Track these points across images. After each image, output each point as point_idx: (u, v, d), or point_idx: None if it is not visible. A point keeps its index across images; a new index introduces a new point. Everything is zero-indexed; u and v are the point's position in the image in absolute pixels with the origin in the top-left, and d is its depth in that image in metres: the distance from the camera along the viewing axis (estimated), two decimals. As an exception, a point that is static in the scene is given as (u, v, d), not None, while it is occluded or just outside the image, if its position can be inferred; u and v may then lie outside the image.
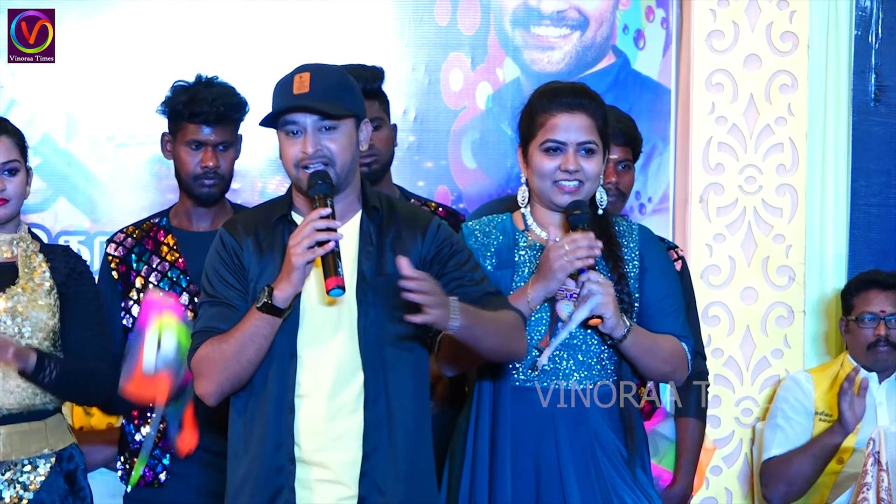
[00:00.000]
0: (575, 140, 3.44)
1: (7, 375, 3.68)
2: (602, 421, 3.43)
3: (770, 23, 5.19)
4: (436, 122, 5.15)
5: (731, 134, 5.21)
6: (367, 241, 3.29)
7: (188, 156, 4.09)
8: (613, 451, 3.43)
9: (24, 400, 3.71)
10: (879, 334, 4.87)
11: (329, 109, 3.22)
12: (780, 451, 4.84)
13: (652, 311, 3.50)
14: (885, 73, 5.44)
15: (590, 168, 3.45)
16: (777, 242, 5.22)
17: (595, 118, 3.47)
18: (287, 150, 3.27)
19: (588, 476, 3.39)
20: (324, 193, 3.19)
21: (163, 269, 4.11)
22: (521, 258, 3.50)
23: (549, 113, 3.47)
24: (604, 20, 5.25)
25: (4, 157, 3.75)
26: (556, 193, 3.47)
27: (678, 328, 3.53)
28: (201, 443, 4.06)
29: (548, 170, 3.46)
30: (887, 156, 5.47)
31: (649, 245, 3.57)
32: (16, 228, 3.81)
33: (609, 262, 3.47)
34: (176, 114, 4.10)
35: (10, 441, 3.70)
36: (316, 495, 3.22)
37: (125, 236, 4.18)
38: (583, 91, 3.51)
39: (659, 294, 3.52)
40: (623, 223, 3.57)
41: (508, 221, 3.57)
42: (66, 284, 3.79)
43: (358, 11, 5.09)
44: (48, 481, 3.72)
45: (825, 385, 4.92)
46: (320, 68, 3.29)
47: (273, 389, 3.22)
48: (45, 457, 3.74)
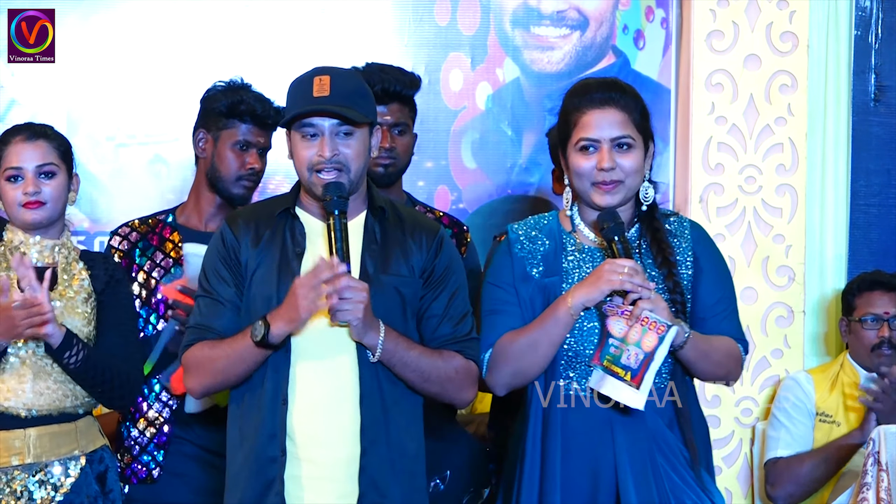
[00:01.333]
0: (608, 136, 3.36)
1: (38, 377, 3.70)
2: (661, 422, 3.37)
3: (770, 23, 5.19)
4: (436, 122, 5.15)
5: (731, 134, 5.21)
6: (371, 240, 3.31)
7: (234, 155, 4.12)
8: (674, 453, 3.36)
9: (55, 402, 3.72)
10: (883, 336, 4.85)
11: (350, 115, 3.24)
12: (788, 452, 4.83)
13: (707, 313, 3.43)
14: (885, 73, 5.44)
15: (627, 163, 3.36)
16: (777, 242, 5.21)
17: (629, 111, 3.38)
18: (301, 151, 3.27)
19: (646, 479, 3.31)
20: (341, 210, 3.21)
21: (166, 265, 4.12)
22: (570, 263, 3.43)
23: (581, 111, 3.39)
24: (604, 20, 5.25)
25: (40, 159, 3.75)
26: (596, 194, 3.38)
27: (733, 331, 3.46)
28: (200, 442, 4.06)
29: (585, 170, 3.37)
30: (887, 156, 5.46)
31: (703, 244, 3.49)
32: (59, 234, 3.82)
33: (663, 269, 3.39)
34: (230, 112, 4.12)
35: (41, 442, 3.71)
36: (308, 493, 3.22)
37: (130, 230, 4.18)
38: (613, 85, 3.43)
39: (715, 296, 3.45)
40: (673, 220, 3.49)
41: (555, 223, 3.49)
42: (105, 292, 3.82)
43: (358, 11, 5.10)
44: (78, 482, 3.74)
45: (825, 386, 4.91)
46: (339, 72, 3.31)
47: (269, 381, 3.24)
48: (75, 458, 3.75)
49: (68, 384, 3.73)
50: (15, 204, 3.75)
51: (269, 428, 3.22)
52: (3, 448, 3.70)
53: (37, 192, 3.74)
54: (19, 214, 3.75)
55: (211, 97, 4.17)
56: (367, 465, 3.21)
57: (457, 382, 3.32)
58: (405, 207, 3.47)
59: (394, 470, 3.24)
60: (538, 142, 5.14)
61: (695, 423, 3.42)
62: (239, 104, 4.11)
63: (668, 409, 3.39)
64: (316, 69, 3.32)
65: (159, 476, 4.06)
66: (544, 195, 5.15)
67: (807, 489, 4.78)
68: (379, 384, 3.24)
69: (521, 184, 5.21)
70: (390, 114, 4.07)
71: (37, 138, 3.77)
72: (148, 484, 4.06)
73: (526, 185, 5.21)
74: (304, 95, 3.26)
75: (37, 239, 3.78)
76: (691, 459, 3.37)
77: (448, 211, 5.00)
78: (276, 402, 3.23)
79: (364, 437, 3.22)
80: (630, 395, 3.29)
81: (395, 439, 3.25)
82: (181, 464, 4.05)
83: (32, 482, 3.72)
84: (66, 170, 3.80)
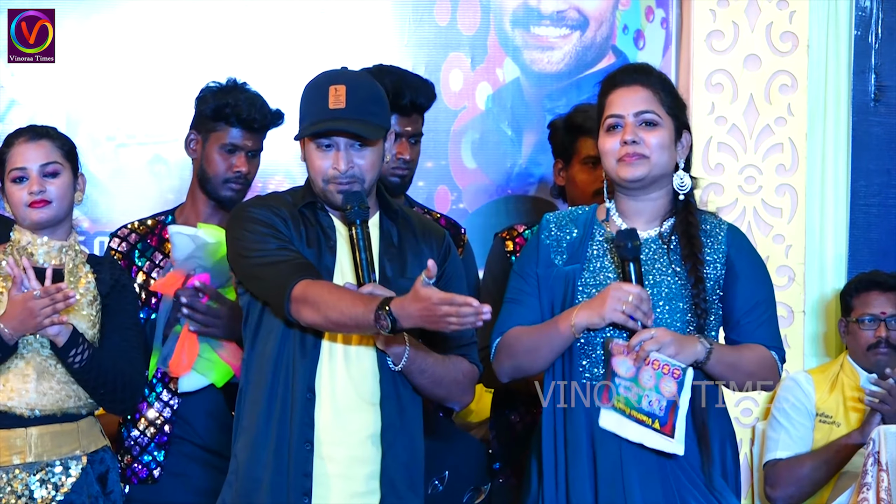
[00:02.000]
0: (632, 110, 3.34)
1: (42, 377, 3.71)
2: None
3: (770, 23, 5.19)
4: (436, 122, 5.14)
5: (731, 134, 5.21)
6: (389, 243, 3.31)
7: (221, 158, 4.10)
8: (685, 456, 3.29)
9: (58, 402, 3.73)
10: (880, 336, 4.86)
11: (366, 133, 3.21)
12: (787, 453, 4.82)
13: (743, 319, 3.39)
14: (885, 73, 5.44)
15: (651, 139, 3.33)
16: (777, 242, 5.21)
17: (655, 90, 3.37)
18: (316, 161, 3.25)
19: (651, 479, 3.29)
20: (363, 219, 3.20)
21: (165, 265, 4.12)
22: (593, 252, 3.40)
23: (609, 92, 3.39)
24: (603, 20, 5.26)
25: (44, 158, 3.76)
26: (620, 167, 3.34)
27: (769, 338, 3.41)
28: (201, 442, 4.06)
29: (609, 148, 3.36)
30: (887, 156, 5.47)
31: (740, 247, 3.43)
32: (66, 235, 3.83)
33: (688, 262, 3.34)
34: (216, 115, 4.09)
35: (43, 442, 3.71)
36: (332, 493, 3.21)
37: (129, 231, 4.18)
38: (642, 68, 3.45)
39: (751, 302, 3.40)
40: (711, 220, 3.45)
41: (591, 213, 3.47)
42: (110, 296, 3.82)
43: (358, 11, 5.10)
44: (79, 483, 3.74)
45: (825, 386, 4.91)
46: (354, 81, 3.26)
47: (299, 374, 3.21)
48: (76, 458, 3.75)
49: (71, 385, 3.73)
50: (21, 204, 3.75)
51: (299, 419, 3.19)
52: (4, 447, 3.70)
53: (42, 191, 3.74)
54: (26, 214, 3.76)
55: (202, 98, 4.15)
56: (387, 468, 3.22)
57: (463, 386, 3.34)
58: (410, 210, 3.46)
59: (408, 472, 3.26)
60: (538, 142, 5.14)
61: (711, 426, 3.36)
62: (225, 107, 4.07)
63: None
64: (331, 75, 3.28)
65: (160, 476, 4.05)
66: (544, 195, 5.15)
67: (806, 490, 4.77)
68: (396, 388, 3.25)
69: (521, 184, 5.21)
70: (411, 124, 4.05)
71: (39, 138, 3.78)
72: (148, 484, 4.06)
73: (526, 185, 5.21)
74: (319, 106, 3.22)
75: (44, 240, 3.78)
76: (702, 463, 3.32)
77: (448, 211, 5.01)
78: (303, 395, 3.20)
79: (384, 439, 3.23)
80: (665, 443, 3.25)
81: (409, 442, 3.27)
82: (182, 464, 4.05)
83: (33, 481, 3.72)
84: (71, 169, 3.81)
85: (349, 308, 3.08)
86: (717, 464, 3.36)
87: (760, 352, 3.39)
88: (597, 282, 3.37)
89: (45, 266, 3.70)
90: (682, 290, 3.34)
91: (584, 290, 3.36)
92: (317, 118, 3.22)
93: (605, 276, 3.37)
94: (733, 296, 3.39)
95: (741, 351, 3.37)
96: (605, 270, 3.38)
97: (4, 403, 3.70)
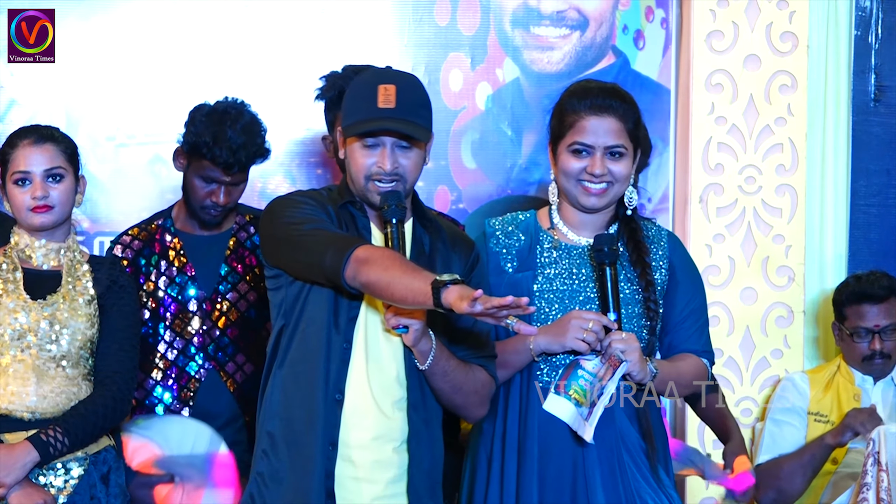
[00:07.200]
0: (603, 143, 3.41)
1: (42, 380, 3.71)
2: (627, 422, 3.41)
3: (770, 23, 5.19)
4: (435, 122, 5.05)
5: (731, 134, 5.21)
6: (420, 251, 3.30)
7: (200, 186, 4.09)
8: (638, 452, 3.41)
9: (59, 405, 3.72)
10: (875, 349, 4.86)
11: (415, 134, 3.21)
12: (768, 457, 4.84)
13: (680, 324, 3.50)
14: (884, 73, 5.44)
15: (618, 170, 3.42)
16: (777, 243, 5.21)
17: (625, 121, 3.43)
18: (360, 159, 3.23)
19: (613, 477, 3.37)
20: (399, 219, 3.19)
21: (171, 274, 4.12)
22: (544, 260, 3.48)
23: (578, 114, 3.43)
24: (603, 20, 5.25)
25: (48, 163, 3.75)
26: (581, 194, 3.44)
27: (701, 344, 3.53)
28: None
29: (574, 170, 3.43)
30: (887, 156, 5.47)
31: (680, 255, 3.55)
32: (65, 237, 3.82)
33: (637, 267, 3.44)
34: (197, 147, 4.06)
35: None
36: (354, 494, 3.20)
37: (131, 238, 4.19)
38: (613, 92, 3.47)
39: (688, 308, 3.51)
40: (652, 227, 3.55)
41: (532, 220, 3.55)
42: (106, 296, 3.81)
43: (358, 11, 5.09)
44: (82, 484, 3.74)
45: (821, 386, 4.92)
46: (404, 81, 3.26)
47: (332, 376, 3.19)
48: (78, 460, 3.75)
49: (72, 388, 3.73)
50: (23, 208, 3.75)
51: (323, 420, 3.18)
52: (6, 449, 3.70)
53: (45, 196, 3.73)
54: (27, 218, 3.75)
55: (191, 118, 4.13)
56: (412, 475, 3.23)
57: (481, 396, 3.33)
58: (442, 219, 3.46)
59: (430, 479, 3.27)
60: (538, 142, 5.14)
61: (654, 423, 3.47)
62: (202, 147, 4.05)
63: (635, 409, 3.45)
64: (380, 74, 3.29)
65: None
66: (544, 195, 5.14)
67: (788, 493, 4.76)
68: (423, 396, 3.26)
69: (521, 184, 5.20)
70: None
71: (44, 142, 3.77)
72: None
73: (526, 185, 5.20)
74: (368, 104, 3.20)
75: (42, 242, 3.78)
76: (647, 450, 3.42)
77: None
78: (330, 397, 3.18)
79: (410, 445, 3.23)
80: (582, 425, 3.34)
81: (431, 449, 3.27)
82: None
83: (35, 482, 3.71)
84: (73, 172, 3.81)
85: (409, 273, 3.02)
86: (661, 456, 3.47)
87: (694, 362, 3.52)
88: (552, 288, 3.45)
89: (44, 268, 3.69)
90: (634, 295, 3.45)
91: (541, 296, 3.45)
92: (366, 116, 3.20)
93: (560, 283, 3.46)
94: (672, 301, 3.51)
95: (679, 367, 3.48)
96: (560, 277, 3.46)
97: (5, 407, 3.70)
